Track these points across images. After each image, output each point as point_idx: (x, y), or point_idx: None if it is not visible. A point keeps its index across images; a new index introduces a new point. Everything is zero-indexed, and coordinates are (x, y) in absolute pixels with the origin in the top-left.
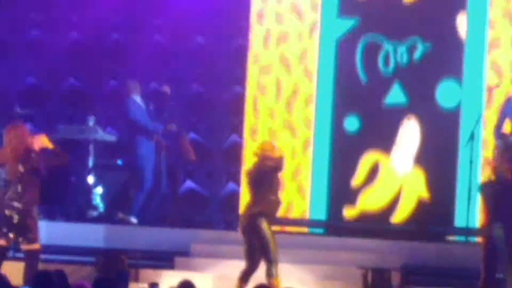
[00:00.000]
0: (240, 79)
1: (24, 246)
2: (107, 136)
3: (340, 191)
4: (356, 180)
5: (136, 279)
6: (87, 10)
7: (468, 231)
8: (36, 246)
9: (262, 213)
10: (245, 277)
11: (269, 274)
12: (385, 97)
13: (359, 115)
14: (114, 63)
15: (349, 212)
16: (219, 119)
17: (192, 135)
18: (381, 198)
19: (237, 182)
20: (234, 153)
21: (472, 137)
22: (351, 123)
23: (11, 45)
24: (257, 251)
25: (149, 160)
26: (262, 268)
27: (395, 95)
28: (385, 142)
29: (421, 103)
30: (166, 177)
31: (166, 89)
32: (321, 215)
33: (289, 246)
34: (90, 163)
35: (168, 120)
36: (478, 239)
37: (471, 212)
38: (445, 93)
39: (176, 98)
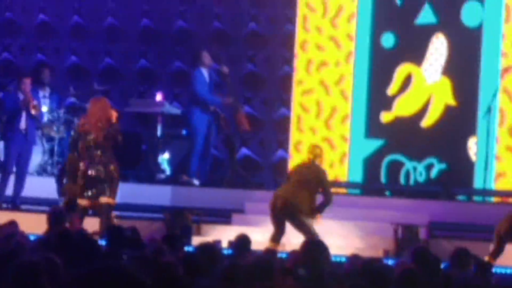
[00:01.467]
0: (288, 60)
1: (100, 200)
2: (173, 109)
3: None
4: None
5: (198, 233)
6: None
7: (486, 192)
8: (110, 200)
9: (301, 212)
10: (275, 238)
11: None
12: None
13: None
14: (179, 46)
15: (385, 117)
16: (270, 94)
17: (246, 108)
18: (413, 105)
19: (286, 149)
20: (283, 124)
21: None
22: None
23: (91, 31)
24: (284, 225)
25: (200, 129)
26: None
27: (426, 15)
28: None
29: (448, 22)
30: (222, 144)
31: (226, 69)
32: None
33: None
34: (158, 132)
35: (226, 95)
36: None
37: (491, 118)
38: (469, 13)
39: (233, 76)
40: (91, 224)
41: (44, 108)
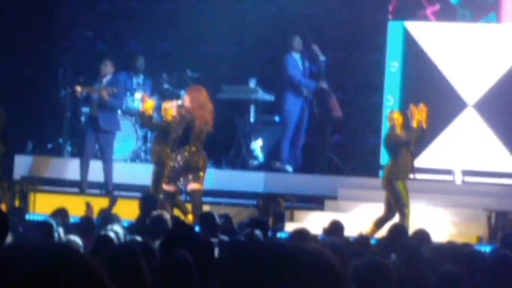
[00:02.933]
0: (380, 46)
1: (189, 186)
2: (266, 95)
3: None
4: None
5: (291, 219)
6: None
7: None
8: (197, 186)
9: (397, 176)
10: (380, 223)
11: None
12: None
13: None
14: (274, 34)
15: None
16: (363, 81)
17: (339, 94)
18: None
19: (378, 136)
20: (376, 111)
21: None
22: None
23: (184, 18)
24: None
25: (293, 114)
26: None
27: None
28: None
29: None
30: (314, 130)
31: (322, 57)
32: None
33: (425, 191)
34: (251, 119)
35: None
36: None
37: None
38: None
39: (326, 63)
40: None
41: (138, 95)
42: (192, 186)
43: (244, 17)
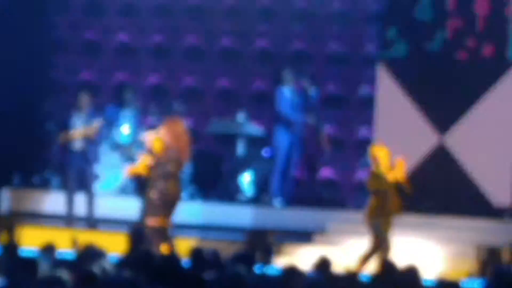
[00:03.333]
0: (369, 80)
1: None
2: (254, 129)
3: None
4: None
5: (279, 253)
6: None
7: None
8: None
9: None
10: (365, 258)
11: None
12: None
13: None
14: (260, 66)
15: None
16: (351, 115)
17: (328, 128)
18: None
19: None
20: (364, 144)
21: None
22: None
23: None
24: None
25: (282, 149)
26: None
27: None
28: None
29: None
30: (303, 164)
31: (312, 90)
32: None
33: (416, 226)
34: (239, 153)
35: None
36: None
37: None
38: None
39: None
40: None
41: (126, 128)
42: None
43: (233, 50)
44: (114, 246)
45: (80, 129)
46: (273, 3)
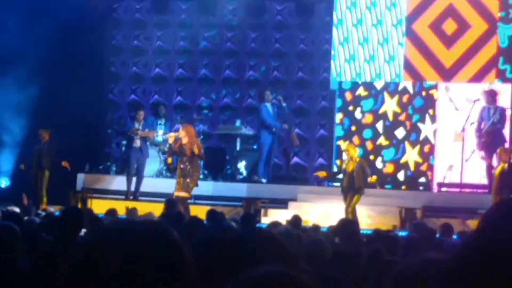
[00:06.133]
0: (328, 96)
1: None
2: (247, 131)
3: None
4: None
5: (266, 215)
6: (235, 57)
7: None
8: (186, 194)
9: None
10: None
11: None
12: None
13: None
14: (251, 89)
15: None
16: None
17: (297, 130)
18: None
19: (325, 159)
20: (323, 141)
21: None
22: None
23: (190, 79)
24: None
25: (266, 145)
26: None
27: None
28: None
29: None
30: (280, 154)
31: (284, 104)
32: None
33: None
34: (237, 147)
35: (284, 121)
36: None
37: None
38: None
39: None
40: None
41: (160, 132)
42: (183, 194)
43: (233, 78)
44: (156, 210)
45: (142, 132)
46: (259, 46)
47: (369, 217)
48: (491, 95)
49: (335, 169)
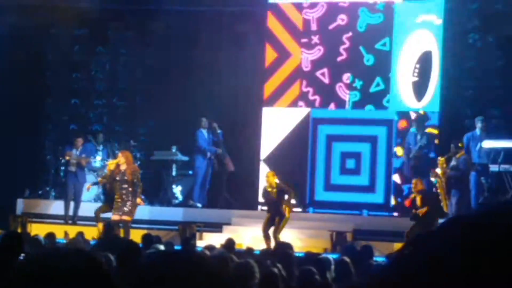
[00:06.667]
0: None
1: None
2: (182, 157)
3: None
4: None
5: (201, 238)
6: None
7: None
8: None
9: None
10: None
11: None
12: None
13: None
14: (189, 116)
15: None
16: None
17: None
18: None
19: (255, 183)
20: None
21: None
22: None
23: (129, 111)
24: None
25: (201, 169)
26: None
27: None
28: None
29: None
30: (214, 179)
31: (219, 130)
32: None
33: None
34: (173, 173)
35: (218, 146)
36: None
37: None
38: None
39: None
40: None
41: (98, 158)
42: (125, 217)
43: (168, 104)
44: (93, 234)
45: (76, 158)
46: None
47: (300, 240)
48: (419, 121)
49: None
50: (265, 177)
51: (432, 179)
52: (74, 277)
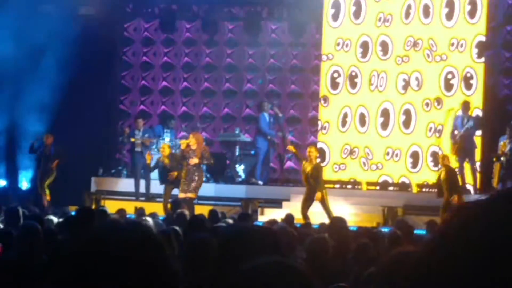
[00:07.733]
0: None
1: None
2: (245, 138)
3: None
4: None
5: (262, 214)
6: (234, 71)
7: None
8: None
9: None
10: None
11: None
12: None
13: None
14: (249, 101)
15: None
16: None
17: (290, 137)
18: None
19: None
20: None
21: None
22: None
23: (193, 92)
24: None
25: (262, 150)
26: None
27: None
28: None
29: None
30: (275, 158)
31: (280, 115)
32: None
33: (343, 195)
34: (237, 153)
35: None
36: None
37: None
38: None
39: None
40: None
41: (167, 139)
42: (190, 194)
43: (232, 90)
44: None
45: (140, 139)
46: (255, 61)
47: (355, 215)
48: (465, 106)
49: None
50: (308, 151)
51: (500, 159)
52: (128, 246)
